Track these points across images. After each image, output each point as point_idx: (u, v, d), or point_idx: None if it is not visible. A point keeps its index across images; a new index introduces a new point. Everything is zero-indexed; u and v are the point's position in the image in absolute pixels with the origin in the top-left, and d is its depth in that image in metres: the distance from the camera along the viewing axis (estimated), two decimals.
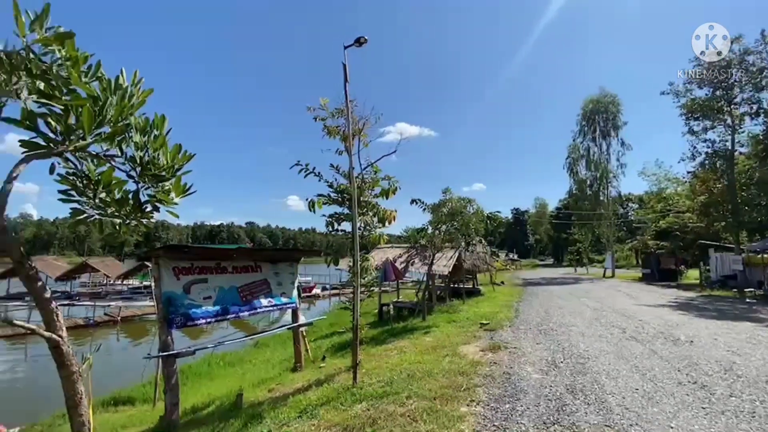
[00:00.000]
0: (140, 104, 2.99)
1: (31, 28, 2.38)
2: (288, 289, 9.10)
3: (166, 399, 6.11)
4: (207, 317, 7.07)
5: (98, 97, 2.77)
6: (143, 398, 9.96)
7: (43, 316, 2.71)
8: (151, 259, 6.54)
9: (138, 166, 2.90)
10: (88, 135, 2.69)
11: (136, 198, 3.03)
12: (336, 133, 8.16)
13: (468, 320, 11.80)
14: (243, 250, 8.69)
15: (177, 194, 3.04)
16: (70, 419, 2.77)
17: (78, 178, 2.94)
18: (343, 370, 7.56)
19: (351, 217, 7.23)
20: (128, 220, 3.06)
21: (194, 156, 3.03)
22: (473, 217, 13.25)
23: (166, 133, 2.97)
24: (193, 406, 7.68)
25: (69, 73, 2.49)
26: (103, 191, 3.00)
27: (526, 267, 64.57)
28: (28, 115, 2.57)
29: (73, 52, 2.50)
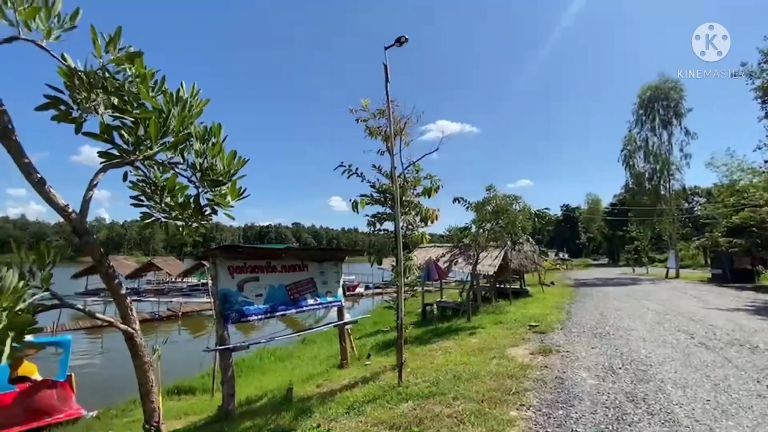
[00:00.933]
0: (198, 114, 3.22)
1: (106, 49, 2.64)
2: (333, 288, 9.32)
3: (224, 390, 6.50)
4: (258, 314, 7.42)
5: (162, 110, 3.01)
6: (203, 388, 10.65)
7: (120, 310, 3.00)
8: (209, 258, 6.99)
9: (198, 172, 3.12)
10: (155, 144, 2.93)
11: (197, 202, 3.25)
12: (378, 134, 8.22)
13: (515, 322, 11.41)
14: (291, 249, 9.02)
15: (233, 197, 3.23)
16: (143, 405, 3.03)
17: (147, 184, 3.20)
18: (388, 368, 7.62)
19: (393, 216, 7.27)
20: (190, 223, 3.28)
21: (248, 161, 3.21)
22: (519, 215, 12.79)
23: (223, 140, 3.17)
24: (247, 398, 8.09)
25: (138, 88, 2.73)
26: (168, 196, 3.25)
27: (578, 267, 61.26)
28: (105, 128, 2.85)
29: (141, 69, 2.74)
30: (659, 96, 35.60)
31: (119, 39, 2.65)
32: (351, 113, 8.27)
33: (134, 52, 2.68)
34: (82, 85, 2.72)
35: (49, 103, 2.69)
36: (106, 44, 2.63)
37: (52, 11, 2.52)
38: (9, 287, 2.14)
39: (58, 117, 2.71)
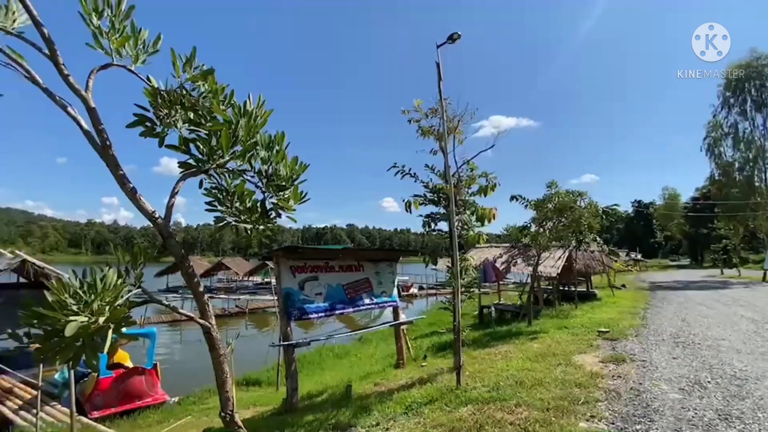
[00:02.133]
0: (263, 123, 3.42)
1: (183, 69, 2.91)
2: (388, 288, 9.41)
3: (287, 384, 6.84)
4: (319, 312, 7.72)
5: (231, 121, 3.25)
6: (268, 381, 11.30)
7: (198, 306, 3.29)
8: (273, 258, 7.41)
9: (264, 178, 3.33)
10: (226, 154, 3.17)
11: (263, 206, 3.47)
12: (430, 133, 8.15)
13: (582, 327, 10.67)
14: (347, 250, 9.27)
15: (295, 201, 3.40)
16: (219, 394, 3.29)
17: (219, 191, 3.47)
18: (445, 370, 7.52)
19: (448, 216, 7.16)
20: (257, 226, 3.50)
21: (308, 166, 3.35)
22: (585, 212, 11.93)
23: (285, 147, 3.34)
24: (308, 393, 8.44)
25: (211, 103, 2.97)
26: (237, 201, 3.50)
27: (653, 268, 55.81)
28: (183, 141, 3.14)
29: (213, 85, 2.98)
30: (751, 75, 31.24)
31: (194, 59, 2.92)
32: (403, 114, 8.30)
33: (207, 70, 2.93)
34: (163, 102, 3.03)
35: (138, 121, 3.04)
36: (183, 64, 2.91)
37: (139, 39, 2.85)
38: (110, 285, 2.45)
39: (145, 132, 3.05)
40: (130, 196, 3.03)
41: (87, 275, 2.49)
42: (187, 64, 2.93)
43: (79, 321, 2.22)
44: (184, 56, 2.96)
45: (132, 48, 2.90)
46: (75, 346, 2.35)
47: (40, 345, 2.47)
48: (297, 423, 5.68)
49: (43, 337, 2.43)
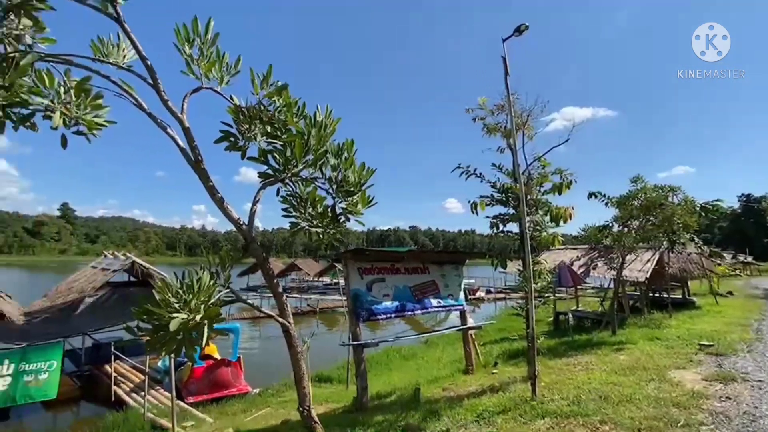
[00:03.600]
0: (332, 132, 3.58)
1: (261, 86, 3.15)
2: (455, 291, 9.22)
3: (357, 383, 7.02)
4: (386, 313, 7.83)
5: (303, 132, 3.44)
6: (338, 379, 11.70)
7: (278, 305, 3.53)
8: (342, 260, 7.68)
9: (334, 184, 3.47)
10: (299, 163, 3.36)
11: (333, 211, 3.61)
12: (496, 131, 7.87)
13: (679, 339, 9.48)
14: (412, 252, 9.28)
15: (363, 205, 3.50)
16: (297, 389, 3.49)
17: (294, 198, 3.69)
18: (518, 379, 7.16)
19: (518, 217, 6.83)
20: (328, 229, 3.65)
21: (375, 171, 3.43)
22: (678, 209, 10.57)
23: (353, 153, 3.45)
24: (377, 393, 8.58)
25: (286, 116, 3.17)
26: (310, 207, 3.69)
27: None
28: (262, 153, 3.40)
29: (287, 99, 3.19)
30: None
31: (270, 76, 3.16)
32: (467, 113, 8.12)
33: (281, 85, 3.16)
34: (244, 118, 3.31)
35: (224, 137, 3.36)
36: (261, 82, 3.16)
37: (223, 62, 3.16)
38: (204, 286, 2.75)
39: (229, 147, 3.37)
40: (219, 205, 3.36)
41: (185, 277, 2.82)
42: (264, 81, 3.18)
43: (181, 318, 2.52)
44: (261, 74, 3.22)
45: (217, 71, 3.23)
46: (177, 339, 2.67)
47: (149, 337, 2.84)
48: (367, 422, 5.79)
49: (152, 330, 2.79)
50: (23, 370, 8.64)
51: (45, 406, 9.83)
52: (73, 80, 3.13)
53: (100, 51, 3.15)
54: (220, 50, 3.21)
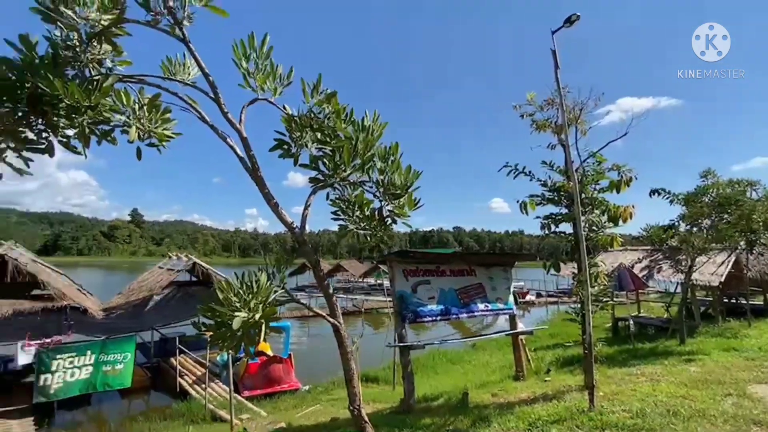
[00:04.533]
0: (379, 136, 3.63)
1: (312, 94, 3.28)
2: (503, 295, 8.95)
3: (404, 384, 7.04)
4: (432, 316, 7.77)
5: (351, 138, 3.53)
6: (384, 379, 11.78)
7: (328, 305, 3.65)
8: (386, 261, 7.75)
9: (381, 187, 3.52)
10: (348, 168, 3.45)
11: (380, 213, 3.66)
12: (546, 127, 7.56)
13: (761, 350, 8.51)
14: (458, 254, 9.15)
15: (410, 208, 3.51)
16: (347, 389, 3.57)
17: (342, 201, 3.79)
18: (573, 388, 6.80)
19: (572, 217, 6.50)
20: (375, 232, 3.71)
21: (421, 173, 3.43)
22: (758, 206, 9.49)
23: (399, 156, 3.48)
24: (424, 395, 8.54)
25: (335, 122, 3.28)
26: (357, 210, 3.77)
27: None
28: (313, 159, 3.53)
29: (336, 106, 3.29)
30: None
31: (320, 84, 3.28)
32: (515, 109, 7.87)
33: (330, 93, 3.27)
34: (296, 126, 3.46)
35: (277, 145, 3.54)
36: (311, 90, 3.29)
37: (276, 74, 3.34)
38: (262, 286, 2.91)
39: (283, 154, 3.54)
40: (274, 210, 3.54)
41: (245, 277, 3.01)
42: (314, 90, 3.31)
43: (242, 316, 2.69)
44: (312, 83, 3.35)
45: (271, 83, 3.42)
46: (237, 336, 2.85)
47: (212, 333, 3.05)
48: (415, 425, 5.79)
49: (215, 327, 2.99)
50: (103, 361, 9.62)
51: (120, 393, 10.85)
52: (146, 97, 3.46)
53: (169, 70, 3.45)
54: (273, 63, 3.40)
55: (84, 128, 2.98)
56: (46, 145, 3.26)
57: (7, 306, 10.07)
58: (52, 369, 8.91)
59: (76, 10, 3.01)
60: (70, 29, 3.04)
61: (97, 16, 3.04)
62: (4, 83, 2.93)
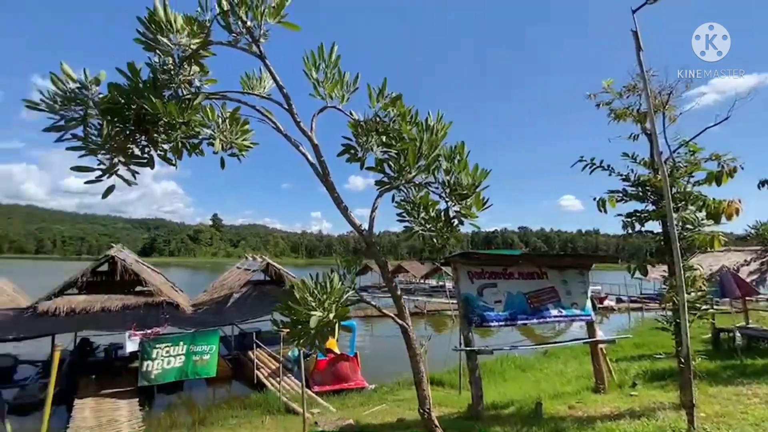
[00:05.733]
0: (443, 136, 3.58)
1: (377, 98, 3.33)
2: (579, 300, 8.31)
3: (472, 390, 6.83)
4: (498, 320, 7.45)
5: (416, 139, 3.52)
6: (450, 383, 11.56)
7: (396, 307, 3.67)
8: (451, 263, 7.61)
9: (447, 188, 3.46)
10: (413, 169, 3.45)
11: (446, 214, 3.60)
12: (627, 115, 6.93)
13: None
14: (527, 256, 8.70)
15: (478, 208, 3.41)
16: (417, 391, 3.56)
17: (407, 203, 3.79)
18: (666, 406, 6.09)
19: (661, 214, 5.84)
20: (441, 233, 3.66)
21: (490, 172, 3.31)
22: None
23: (466, 155, 3.40)
24: (492, 402, 8.22)
25: (400, 125, 3.30)
26: (423, 211, 3.75)
27: None
28: (378, 162, 3.58)
29: (402, 108, 3.32)
30: None
31: (385, 89, 3.33)
32: (590, 99, 7.33)
33: (395, 96, 3.30)
34: (362, 131, 3.54)
35: (345, 150, 3.66)
36: (377, 95, 3.35)
37: (343, 81, 3.45)
38: (335, 287, 3.02)
39: (350, 159, 3.65)
40: (344, 213, 3.66)
41: (319, 278, 3.15)
42: (380, 94, 3.37)
43: (318, 315, 2.82)
44: (377, 87, 3.41)
45: (339, 90, 3.54)
46: (312, 334, 2.98)
47: (288, 330, 3.23)
48: None
49: (291, 324, 3.17)
50: (193, 351, 10.69)
51: (206, 382, 11.96)
52: (227, 111, 3.78)
53: (247, 84, 3.74)
54: (341, 71, 3.52)
55: (178, 142, 3.35)
56: (148, 158, 3.72)
57: (117, 300, 11.67)
58: (152, 357, 10.12)
59: (170, 38, 3.38)
60: (166, 55, 3.43)
61: (187, 41, 3.39)
62: (115, 106, 3.40)
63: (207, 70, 3.56)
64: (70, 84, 3.24)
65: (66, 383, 10.60)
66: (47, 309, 10.97)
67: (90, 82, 3.25)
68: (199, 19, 3.31)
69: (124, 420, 8.74)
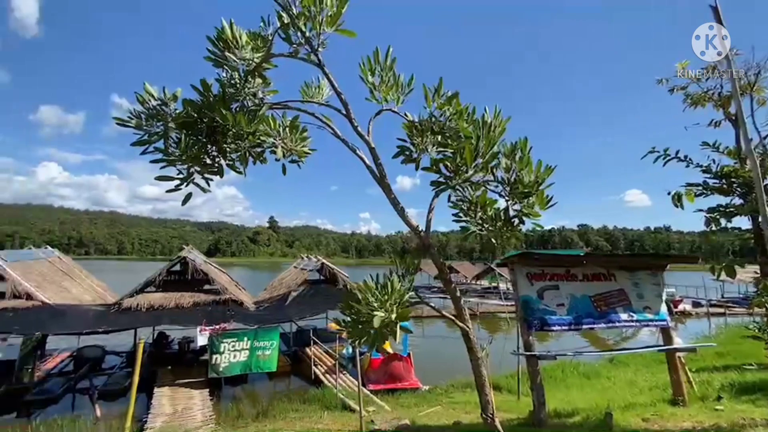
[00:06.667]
0: (501, 132, 3.47)
1: (433, 98, 3.31)
2: (653, 303, 7.63)
3: (533, 396, 6.54)
4: (561, 324, 7.06)
5: (472, 137, 3.45)
6: (507, 387, 11.17)
7: (455, 309, 3.62)
8: (507, 264, 7.35)
9: (507, 186, 3.35)
10: (470, 168, 3.38)
11: (506, 214, 3.48)
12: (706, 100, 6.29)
13: None
14: (593, 256, 8.18)
15: (542, 207, 3.26)
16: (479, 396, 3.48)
17: (464, 203, 3.73)
18: (758, 422, 5.45)
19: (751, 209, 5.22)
20: (501, 233, 3.55)
21: (555, 168, 3.15)
22: None
23: (528, 151, 3.27)
24: (555, 410, 7.81)
25: (456, 123, 3.25)
26: (480, 211, 3.66)
27: None
28: (434, 162, 3.56)
29: (458, 107, 3.27)
30: None
31: (441, 88, 3.30)
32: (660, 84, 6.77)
33: (452, 95, 3.26)
34: (417, 132, 3.54)
35: (400, 151, 3.68)
36: (432, 94, 3.33)
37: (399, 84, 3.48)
38: (395, 288, 3.05)
39: (405, 160, 3.66)
40: (400, 214, 3.69)
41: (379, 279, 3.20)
42: (435, 93, 3.35)
43: (380, 316, 2.87)
44: (432, 87, 3.39)
45: (395, 92, 3.58)
46: (374, 334, 3.03)
47: (351, 329, 3.31)
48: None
49: (353, 323, 3.24)
50: (256, 346, 11.34)
51: (268, 376, 12.61)
52: (287, 120, 3.97)
53: (306, 93, 3.91)
54: (396, 74, 3.55)
55: (245, 151, 3.58)
56: (218, 167, 4.01)
57: (189, 297, 12.70)
58: (220, 350, 10.88)
59: (236, 53, 3.62)
60: (233, 70, 3.68)
61: (251, 56, 3.62)
62: (189, 120, 3.71)
63: (269, 82, 3.77)
64: (152, 102, 3.59)
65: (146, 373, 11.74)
66: (130, 305, 12.22)
67: (168, 99, 3.58)
68: (261, 33, 3.51)
69: (197, 408, 9.49)
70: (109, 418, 9.14)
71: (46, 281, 12.86)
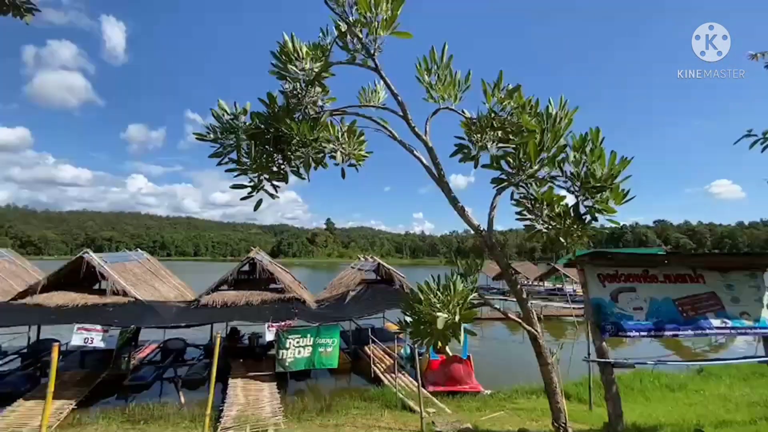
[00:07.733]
0: (568, 124, 3.26)
1: (493, 93, 3.21)
2: (752, 308, 6.70)
3: (609, 408, 6.04)
4: (639, 330, 6.45)
5: (536, 131, 3.28)
6: (577, 396, 10.47)
7: (522, 312, 3.47)
8: (575, 265, 6.88)
9: (577, 181, 3.14)
10: (534, 164, 3.22)
11: (576, 210, 3.26)
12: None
13: None
14: (676, 255, 7.38)
15: (617, 202, 3.01)
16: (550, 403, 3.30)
17: (527, 200, 3.56)
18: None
19: None
20: (571, 231, 3.33)
21: (632, 160, 2.89)
22: None
23: (600, 142, 3.04)
24: (634, 424, 7.18)
25: (519, 117, 3.11)
26: (546, 208, 3.47)
27: None
28: (494, 159, 3.44)
29: (520, 100, 3.13)
30: None
31: (501, 82, 3.18)
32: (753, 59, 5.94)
33: (513, 88, 3.13)
34: (476, 129, 3.45)
35: (458, 150, 3.61)
36: (492, 89, 3.23)
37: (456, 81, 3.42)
38: (458, 289, 3.01)
39: (463, 158, 3.59)
40: (460, 213, 3.62)
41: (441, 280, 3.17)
42: (495, 88, 3.24)
43: (444, 317, 2.84)
44: (491, 83, 3.29)
45: (452, 90, 3.53)
46: (437, 335, 3.01)
47: (413, 329, 3.31)
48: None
49: (415, 324, 3.24)
50: (318, 343, 11.79)
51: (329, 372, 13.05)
52: (345, 125, 4.08)
53: (363, 98, 3.99)
54: (452, 71, 3.50)
55: (308, 158, 3.75)
56: (283, 174, 4.24)
57: (257, 295, 13.57)
58: (286, 346, 11.48)
59: (297, 65, 3.81)
60: (295, 81, 3.87)
61: (311, 66, 3.78)
62: (258, 131, 3.96)
63: (328, 90, 3.91)
64: (225, 116, 3.90)
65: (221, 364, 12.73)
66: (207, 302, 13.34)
67: (239, 113, 3.87)
68: (320, 44, 3.66)
69: (266, 400, 10.09)
70: (191, 404, 10.05)
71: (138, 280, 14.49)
